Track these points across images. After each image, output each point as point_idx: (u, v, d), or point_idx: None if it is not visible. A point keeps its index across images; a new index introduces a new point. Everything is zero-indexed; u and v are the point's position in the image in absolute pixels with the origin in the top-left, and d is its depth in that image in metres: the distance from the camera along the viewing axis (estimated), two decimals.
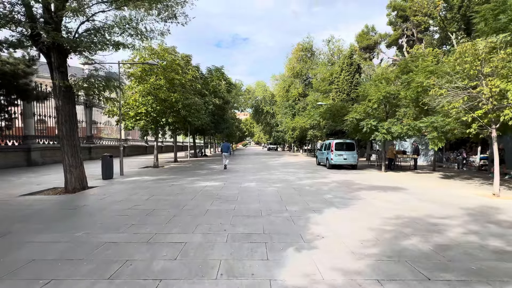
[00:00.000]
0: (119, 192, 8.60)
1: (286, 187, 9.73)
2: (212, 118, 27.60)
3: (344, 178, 12.22)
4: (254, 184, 10.24)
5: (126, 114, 16.10)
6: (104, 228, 4.97)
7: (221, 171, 15.11)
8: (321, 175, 13.56)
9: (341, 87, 22.59)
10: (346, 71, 22.61)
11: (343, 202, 7.23)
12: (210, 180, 11.34)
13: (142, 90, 15.09)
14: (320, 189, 9.35)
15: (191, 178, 11.98)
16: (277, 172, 14.53)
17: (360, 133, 14.60)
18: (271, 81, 56.08)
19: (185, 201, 7.23)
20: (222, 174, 13.64)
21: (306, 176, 12.89)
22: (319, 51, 33.41)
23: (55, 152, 18.56)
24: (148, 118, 16.16)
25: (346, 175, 13.80)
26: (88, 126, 22.17)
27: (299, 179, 11.76)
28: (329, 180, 11.51)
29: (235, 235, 4.63)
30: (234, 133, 53.59)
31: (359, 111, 13.81)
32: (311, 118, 25.24)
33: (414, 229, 5.00)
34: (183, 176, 12.72)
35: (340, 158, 16.48)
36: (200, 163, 20.69)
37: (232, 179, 11.77)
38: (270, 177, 12.54)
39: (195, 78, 21.38)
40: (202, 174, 13.39)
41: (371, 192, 8.86)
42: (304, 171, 15.19)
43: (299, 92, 32.35)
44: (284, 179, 11.88)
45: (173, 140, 23.06)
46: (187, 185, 9.99)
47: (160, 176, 12.48)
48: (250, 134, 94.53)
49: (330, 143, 17.05)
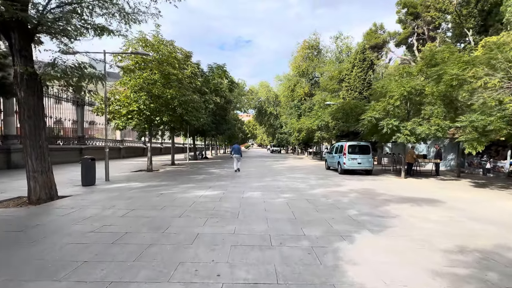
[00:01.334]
0: (93, 204, 7.00)
1: (297, 198, 8.08)
2: (213, 119, 26.07)
3: (362, 186, 10.55)
4: (258, 194, 8.60)
5: (117, 112, 14.57)
6: (38, 269, 3.36)
7: (220, 176, 13.50)
8: (335, 182, 11.89)
9: (352, 85, 20.88)
10: (358, 67, 20.90)
11: (375, 222, 5.57)
12: (207, 188, 9.72)
13: (134, 85, 13.54)
14: (338, 201, 7.69)
15: (186, 185, 10.37)
16: (283, 178, 12.88)
17: (378, 134, 12.93)
18: (275, 82, 54.53)
19: (171, 219, 5.61)
20: (221, 180, 12.02)
21: (317, 183, 11.23)
22: (326, 49, 31.85)
23: None
24: (141, 117, 14.61)
25: (362, 181, 12.14)
26: (80, 126, 20.69)
27: (311, 187, 10.10)
28: (345, 189, 9.84)
29: (235, 286, 3.00)
30: (236, 135, 52.09)
31: (378, 110, 12.14)
32: (319, 118, 23.58)
33: (501, 274, 3.34)
34: (177, 182, 11.12)
35: (354, 163, 14.79)
36: (198, 167, 19.10)
37: (233, 186, 10.15)
38: (277, 184, 10.90)
39: (194, 74, 19.85)
40: (198, 180, 11.77)
41: (403, 206, 7.19)
42: (314, 177, 13.52)
43: (305, 92, 30.70)
44: (294, 187, 10.23)
45: (171, 142, 21.48)
46: (179, 194, 8.37)
47: (151, 182, 10.88)
48: (252, 136, 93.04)
49: (343, 145, 15.38)
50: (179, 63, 15.73)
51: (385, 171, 17.24)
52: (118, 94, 14.64)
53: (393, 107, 11.68)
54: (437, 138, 11.38)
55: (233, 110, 43.38)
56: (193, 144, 28.81)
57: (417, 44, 39.27)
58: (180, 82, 15.06)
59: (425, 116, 11.53)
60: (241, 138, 62.31)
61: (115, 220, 5.54)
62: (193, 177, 12.77)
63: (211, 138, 39.02)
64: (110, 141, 26.00)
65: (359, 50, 21.20)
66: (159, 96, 14.05)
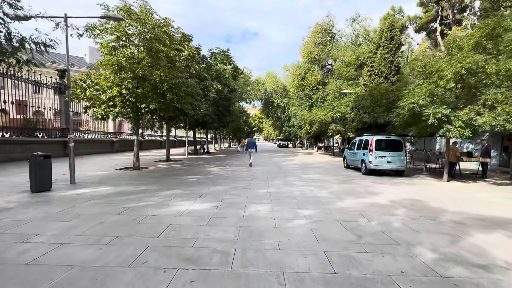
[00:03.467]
0: (6, 228, 4.54)
1: (323, 218, 5.48)
2: (215, 109, 23.50)
3: (403, 195, 7.89)
4: (266, 210, 6.03)
5: (97, 98, 12.10)
6: None
7: (219, 177, 10.98)
8: (363, 187, 9.24)
9: (376, 69, 17.86)
10: (384, 48, 17.82)
11: (487, 286, 2.95)
12: (197, 196, 7.20)
13: (113, 63, 11.00)
14: (387, 225, 5.06)
15: (170, 191, 7.86)
16: (297, 181, 10.28)
17: (418, 127, 10.16)
18: (283, 72, 51.57)
19: (108, 274, 3.09)
20: (219, 183, 9.49)
21: (342, 190, 8.60)
22: (340, 33, 28.70)
23: (14, 147, 14.85)
24: (125, 104, 12.12)
25: (398, 186, 9.48)
26: (63, 116, 18.35)
27: (337, 197, 7.47)
28: (385, 200, 7.19)
29: None
30: (242, 128, 49.47)
31: (421, 95, 9.34)
32: (334, 109, 20.78)
33: None
34: (160, 186, 8.62)
35: (383, 161, 12.08)
36: (196, 163, 16.61)
37: (232, 194, 7.59)
38: (290, 190, 8.31)
39: (192, 57, 17.22)
40: (189, 184, 9.26)
41: (495, 236, 4.55)
42: (335, 179, 10.87)
43: (317, 80, 27.81)
44: (313, 195, 7.62)
45: (166, 134, 18.98)
46: (153, 209, 5.86)
47: (126, 187, 8.41)
48: (259, 129, 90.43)
49: (368, 140, 12.64)
50: (171, 40, 13.09)
51: (416, 170, 14.46)
52: (95, 76, 12.12)
53: (443, 91, 8.86)
54: (506, 131, 8.56)
55: (238, 102, 40.70)
56: (194, 137, 26.33)
57: (440, 29, 35.67)
58: (171, 62, 12.45)
59: (487, 102, 8.72)
60: (246, 131, 59.72)
61: (3, 279, 3.04)
62: (184, 179, 10.26)
63: (214, 131, 36.51)
64: (102, 133, 23.71)
65: (386, 27, 18.09)
66: (145, 78, 11.51)
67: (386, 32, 17.99)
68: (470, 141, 18.26)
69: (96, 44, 11.94)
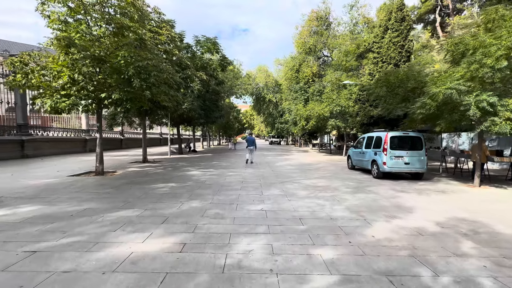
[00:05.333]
0: None
1: (358, 269, 3.28)
2: (201, 104, 21.09)
3: (446, 212, 5.80)
4: (262, 253, 3.76)
5: (46, 86, 9.58)
6: None
7: (199, 185, 8.69)
8: (386, 198, 7.11)
9: (384, 55, 15.68)
10: (394, 30, 15.63)
11: None
12: (158, 221, 4.91)
13: (58, 38, 8.50)
14: (475, 285, 2.91)
15: (122, 212, 5.52)
16: (299, 189, 8.08)
17: (448, 119, 8.11)
18: (275, 66, 49.31)
19: None
20: (197, 196, 7.20)
21: (362, 203, 6.44)
22: (337, 21, 26.54)
23: None
24: (81, 93, 9.64)
25: (428, 196, 7.42)
26: (20, 111, 15.60)
27: (361, 219, 5.29)
28: (429, 223, 5.07)
29: None
30: (232, 125, 47.12)
31: (458, 78, 7.24)
32: (333, 103, 18.67)
33: None
34: (113, 203, 6.27)
35: (399, 163, 10.03)
36: (177, 165, 14.24)
37: (211, 218, 5.31)
38: (293, 206, 6.09)
39: (171, 41, 14.77)
40: (156, 197, 6.93)
41: None
42: (344, 186, 8.72)
43: (313, 72, 25.68)
44: (326, 216, 5.41)
45: (143, 131, 16.46)
46: (74, 254, 3.55)
47: (62, 206, 6.02)
48: (250, 126, 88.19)
49: (381, 137, 10.56)
50: (141, 16, 10.63)
51: (431, 172, 12.50)
52: (41, 57, 9.56)
53: (491, 72, 6.77)
54: None
55: (227, 97, 38.22)
56: (178, 135, 23.83)
57: (440, 20, 34.01)
58: (140, 42, 10.02)
59: None
60: (237, 128, 57.31)
61: None
62: (153, 189, 7.90)
63: (202, 128, 34.03)
64: (72, 130, 20.91)
65: (395, 7, 15.91)
66: (104, 60, 9.06)
67: (396, 12, 15.80)
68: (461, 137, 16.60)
69: (44, 19, 9.42)
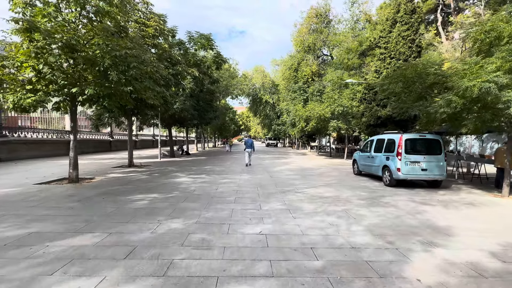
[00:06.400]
0: None
1: None
2: (194, 103, 19.79)
3: (490, 233, 4.58)
4: None
5: (10, 79, 8.21)
6: None
7: (186, 196, 7.37)
8: (410, 213, 5.87)
9: (393, 50, 14.44)
10: (403, 24, 14.40)
11: None
12: (120, 255, 3.60)
13: (16, 20, 7.16)
14: None
15: (75, 239, 4.20)
16: (304, 202, 6.81)
17: (478, 120, 6.94)
18: (271, 66, 48.17)
19: None
20: (181, 212, 5.89)
21: (384, 222, 5.19)
22: (338, 19, 25.47)
23: None
24: (50, 88, 8.29)
25: (457, 210, 6.24)
26: None
27: (390, 247, 4.02)
28: (482, 255, 3.84)
29: None
30: (228, 127, 45.79)
31: (494, 71, 6.06)
32: (335, 103, 17.51)
33: None
34: (72, 224, 4.94)
35: (416, 169, 8.83)
36: (165, 170, 12.90)
37: (194, 248, 4.02)
38: (299, 227, 4.82)
39: (160, 33, 13.51)
40: (129, 215, 5.62)
41: None
42: (356, 197, 7.48)
43: (313, 71, 24.53)
44: (345, 244, 4.13)
45: (128, 133, 15.02)
46: None
47: (9, 224, 4.69)
48: (246, 128, 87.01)
49: (394, 140, 9.36)
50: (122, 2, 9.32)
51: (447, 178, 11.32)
52: (5, 47, 8.20)
53: None
54: None
55: (223, 97, 36.92)
56: (169, 137, 22.46)
57: (442, 19, 33.19)
58: (119, 29, 8.72)
59: None
60: (233, 130, 55.99)
61: None
62: (127, 203, 6.56)
63: (196, 130, 32.63)
64: (54, 132, 19.39)
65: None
66: (75, 49, 7.73)
67: (405, 4, 14.64)
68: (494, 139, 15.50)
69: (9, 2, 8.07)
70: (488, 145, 16.07)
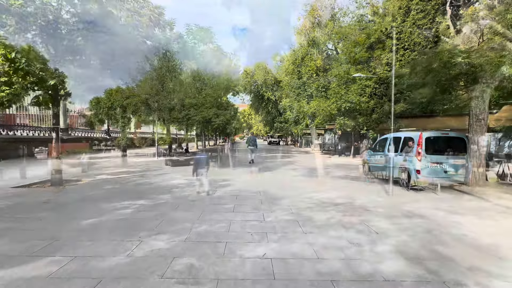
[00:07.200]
0: None
1: None
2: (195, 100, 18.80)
3: None
4: None
5: None
6: None
7: (179, 200, 6.46)
8: (443, 226, 4.91)
9: (407, 41, 13.33)
10: (418, 12, 13.25)
11: None
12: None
13: None
14: None
15: (33, 265, 3.29)
16: (315, 212, 5.86)
17: None
18: (274, 62, 46.97)
19: None
20: (163, 227, 4.98)
21: (413, 236, 4.24)
22: (343, 12, 24.33)
23: None
24: (27, 79, 7.38)
25: (495, 221, 5.30)
26: None
27: None
28: None
29: None
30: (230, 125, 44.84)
31: None
32: (342, 98, 16.51)
33: None
34: (38, 239, 4.03)
35: (438, 170, 7.87)
36: (160, 171, 12.02)
37: (177, 275, 3.09)
38: (310, 249, 3.87)
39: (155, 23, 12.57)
40: (109, 227, 4.71)
41: None
42: (373, 204, 6.51)
43: (318, 66, 23.51)
44: (375, 276, 3.19)
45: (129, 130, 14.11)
46: None
47: None
48: (248, 125, 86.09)
49: (413, 138, 8.37)
50: None
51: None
52: None
53: None
54: None
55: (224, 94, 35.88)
56: (168, 134, 21.56)
57: (450, 13, 31.90)
58: None
59: None
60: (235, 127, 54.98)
61: None
62: (108, 212, 5.64)
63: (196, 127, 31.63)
64: (46, 129, 18.51)
65: None
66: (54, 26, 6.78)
67: None
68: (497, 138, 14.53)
69: None
70: (506, 144, 15.03)
